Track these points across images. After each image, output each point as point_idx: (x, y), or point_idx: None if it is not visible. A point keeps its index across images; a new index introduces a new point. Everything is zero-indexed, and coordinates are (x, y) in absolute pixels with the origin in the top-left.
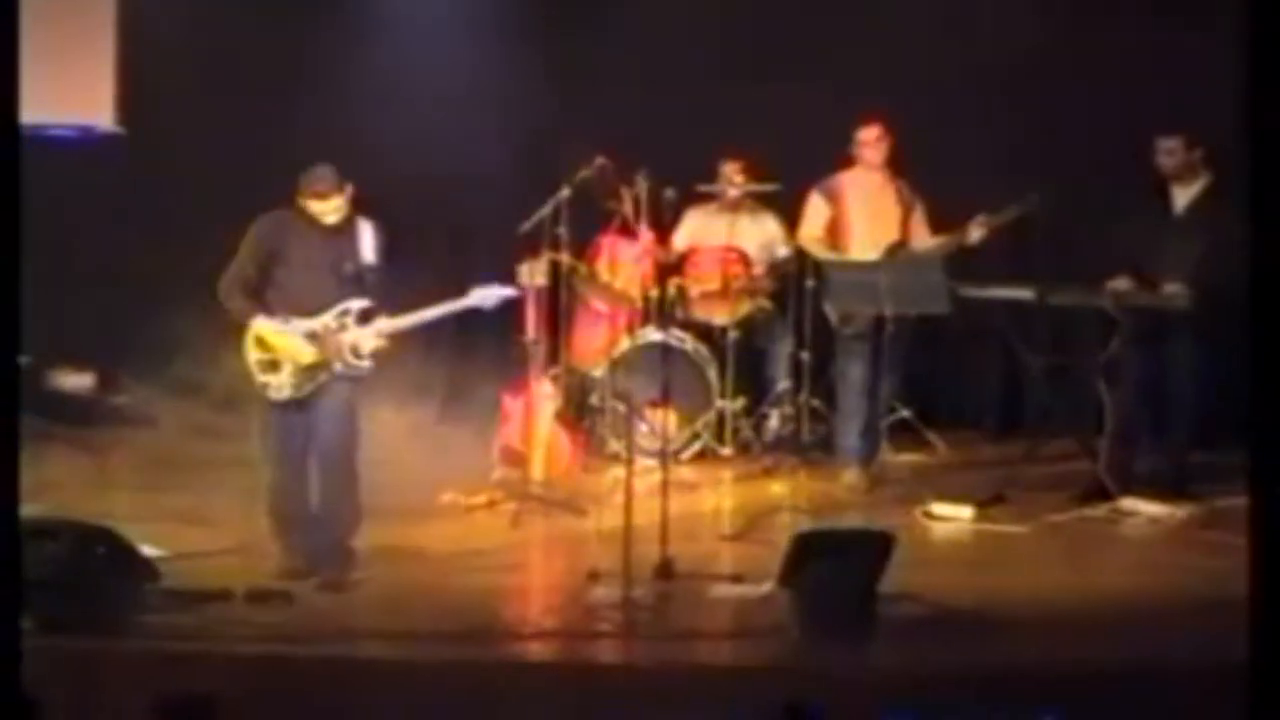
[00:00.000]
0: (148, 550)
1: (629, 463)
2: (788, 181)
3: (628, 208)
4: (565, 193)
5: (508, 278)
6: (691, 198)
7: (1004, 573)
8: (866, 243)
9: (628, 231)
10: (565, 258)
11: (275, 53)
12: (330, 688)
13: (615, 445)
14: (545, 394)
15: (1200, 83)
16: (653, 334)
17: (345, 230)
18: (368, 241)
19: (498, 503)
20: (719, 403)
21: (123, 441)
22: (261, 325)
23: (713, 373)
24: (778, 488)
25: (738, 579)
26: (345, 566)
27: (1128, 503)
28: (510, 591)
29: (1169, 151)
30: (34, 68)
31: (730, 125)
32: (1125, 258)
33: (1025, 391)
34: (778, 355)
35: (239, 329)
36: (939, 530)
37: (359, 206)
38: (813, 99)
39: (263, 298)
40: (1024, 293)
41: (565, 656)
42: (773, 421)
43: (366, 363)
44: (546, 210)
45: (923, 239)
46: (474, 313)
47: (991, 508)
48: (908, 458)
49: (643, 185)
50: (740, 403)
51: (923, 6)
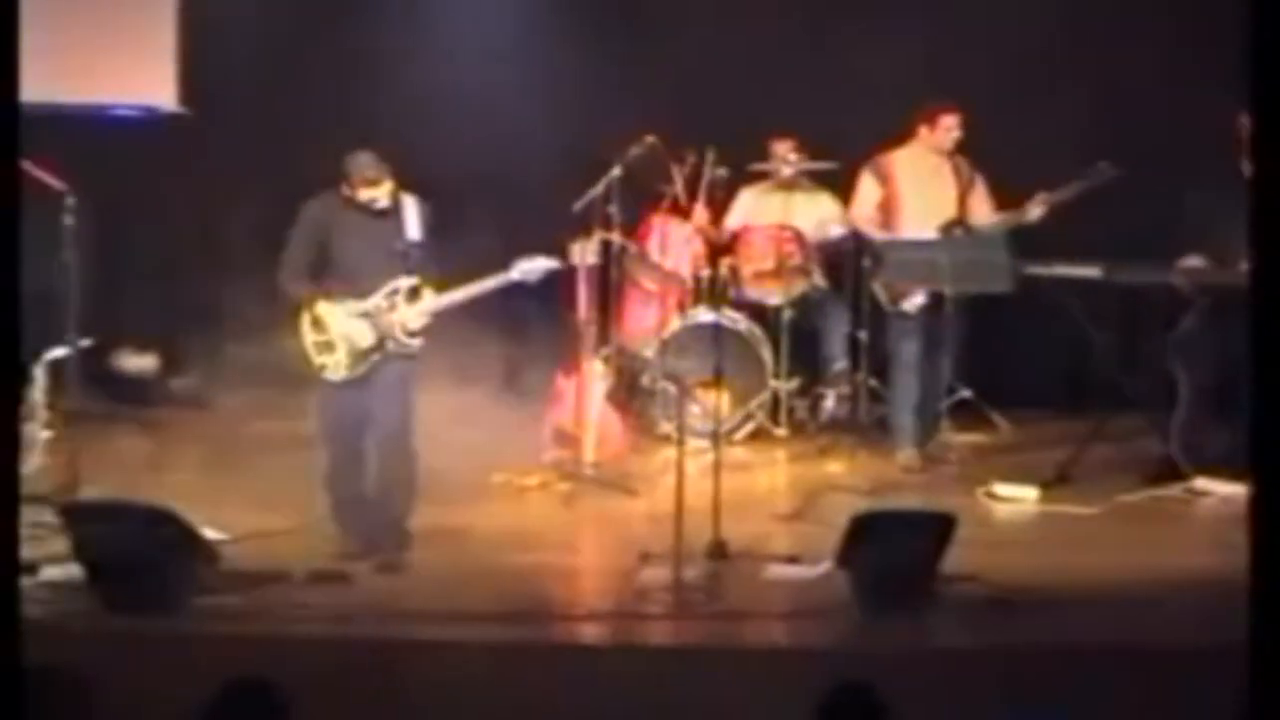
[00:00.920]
0: (209, 533)
1: (680, 443)
2: (843, 160)
3: (679, 187)
4: (616, 172)
5: (559, 257)
6: (744, 176)
7: (1070, 554)
8: (919, 221)
9: (679, 210)
10: (616, 237)
11: (332, 34)
12: (387, 669)
13: (666, 426)
14: (596, 374)
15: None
16: (704, 314)
17: (392, 209)
18: (413, 218)
19: (550, 484)
20: (773, 383)
21: (184, 423)
22: (321, 308)
23: (766, 353)
24: (834, 467)
25: (793, 559)
26: (402, 547)
27: (1200, 482)
28: (562, 573)
29: (1247, 126)
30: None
31: (784, 102)
32: (1196, 234)
33: (1092, 369)
34: (833, 335)
35: (296, 310)
36: (1002, 511)
37: (409, 185)
38: (869, 75)
39: (320, 281)
40: (1091, 271)
41: (617, 638)
42: (828, 402)
43: (417, 341)
44: (598, 189)
45: (984, 216)
46: (525, 293)
47: (1057, 488)
48: (969, 437)
49: (695, 164)
50: (795, 383)
51: None
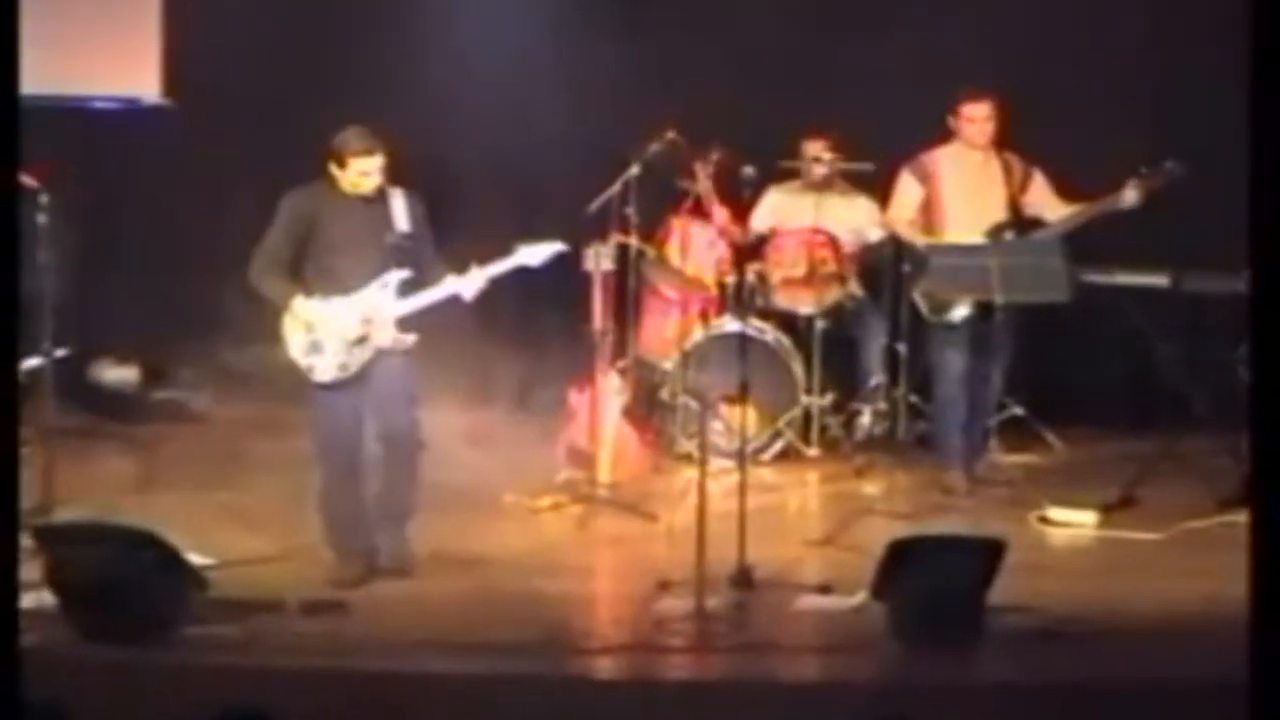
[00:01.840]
0: (195, 558)
1: (702, 463)
2: (879, 160)
3: (702, 186)
4: (634, 170)
5: (573, 261)
6: (772, 175)
7: (1132, 584)
8: (965, 225)
9: (702, 212)
10: (634, 240)
11: (330, 22)
12: (386, 704)
13: (688, 445)
14: (612, 389)
15: None
16: (729, 324)
17: (379, 200)
18: (402, 210)
19: (563, 505)
20: (804, 399)
21: (169, 438)
22: (301, 305)
23: (797, 366)
24: (870, 489)
25: (825, 589)
26: (408, 552)
27: None
28: (575, 601)
29: None
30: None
31: (816, 97)
32: None
33: (1156, 384)
34: (870, 347)
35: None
36: (1057, 537)
37: (410, 183)
38: (907, 69)
39: (299, 277)
40: (1156, 279)
41: (633, 672)
42: (865, 418)
43: (411, 336)
44: (614, 189)
45: (1052, 209)
46: (538, 302)
47: (1118, 512)
48: (1020, 458)
49: (719, 161)
50: (828, 399)
51: None
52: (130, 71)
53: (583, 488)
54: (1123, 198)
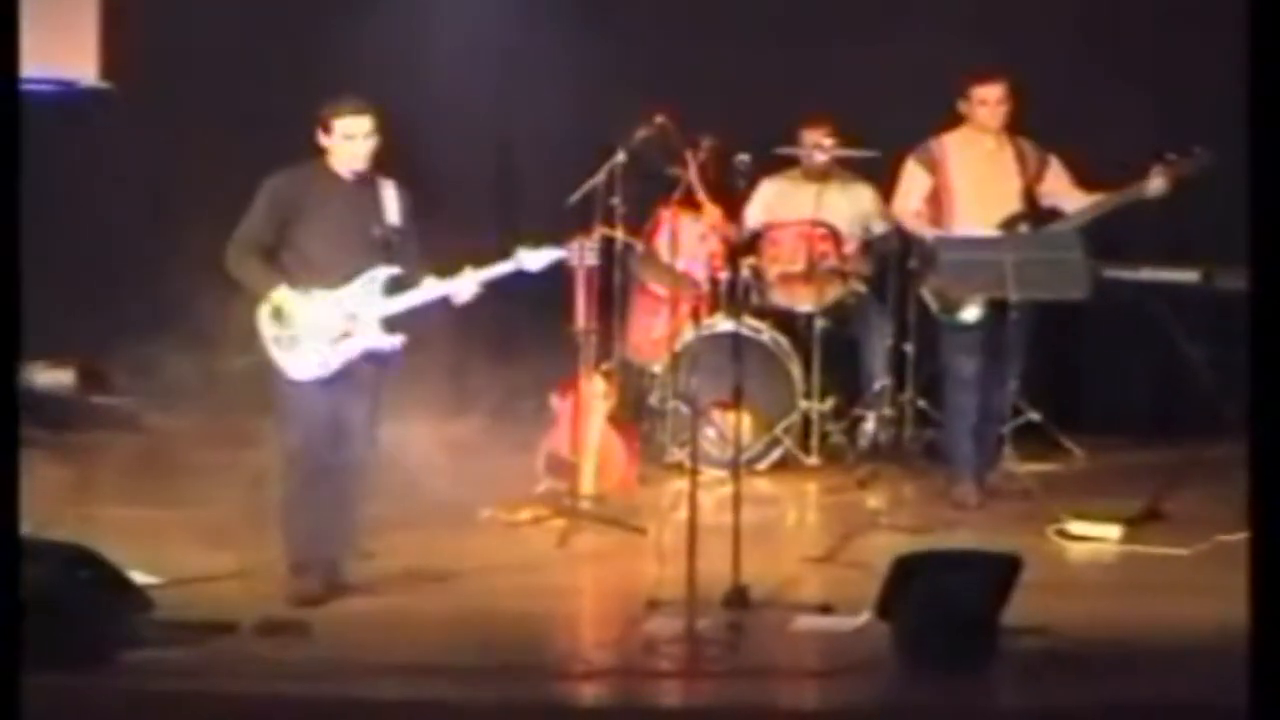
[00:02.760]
0: (138, 576)
1: (694, 473)
2: (882, 147)
3: (692, 175)
4: (620, 158)
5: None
6: (768, 164)
7: (1157, 603)
8: (976, 216)
9: (692, 203)
10: (620, 234)
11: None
12: None
13: (678, 453)
14: (597, 394)
15: None
16: (723, 323)
17: (368, 188)
18: (391, 201)
19: (543, 519)
20: (803, 404)
21: (109, 447)
22: (282, 296)
23: (795, 369)
24: (874, 502)
25: (825, 609)
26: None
27: None
28: (557, 622)
29: None
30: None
31: (814, 80)
32: None
33: (1184, 389)
34: (874, 348)
35: (246, 310)
36: (1077, 552)
37: (388, 170)
38: (911, 50)
39: (280, 264)
40: (1186, 276)
41: (620, 699)
42: (869, 425)
43: (398, 337)
44: (598, 178)
45: (1070, 199)
46: (517, 300)
47: (1143, 526)
48: (1037, 467)
49: (711, 148)
50: (829, 404)
51: None
52: (65, 50)
53: (564, 500)
54: (1148, 186)
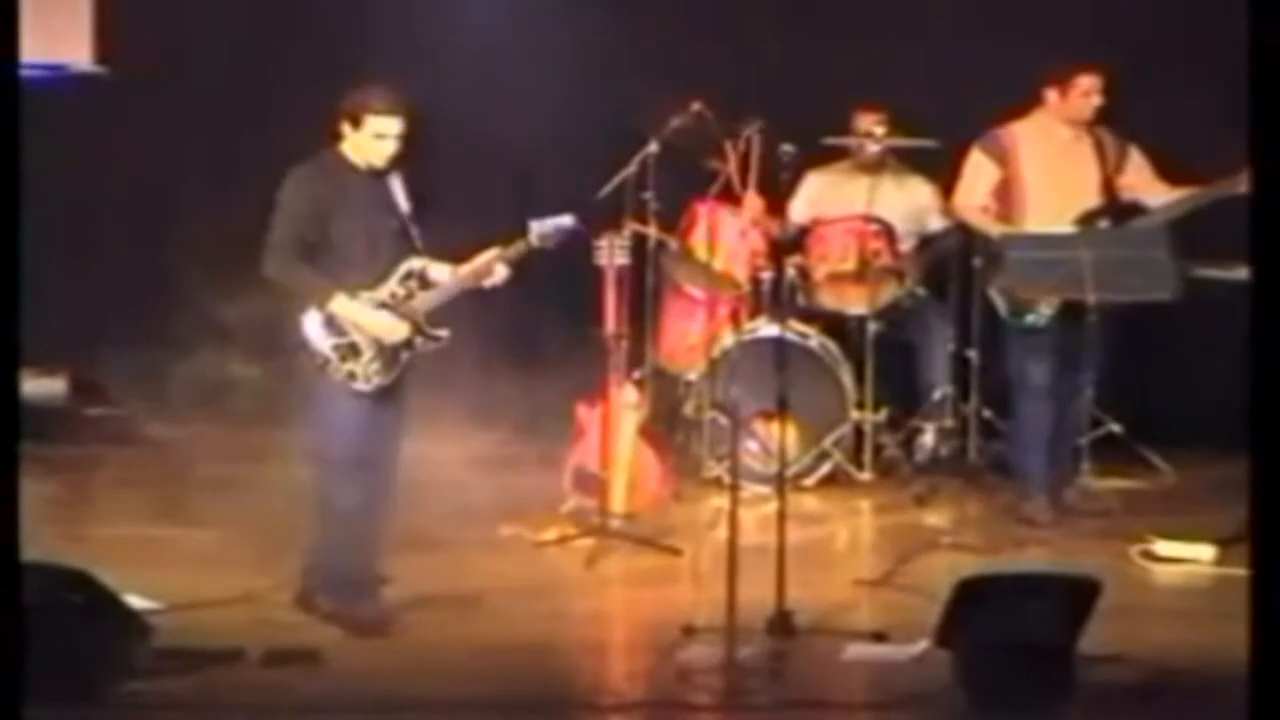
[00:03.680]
0: (136, 601)
1: (734, 489)
2: (943, 136)
3: (732, 167)
4: (653, 148)
5: (583, 254)
6: (816, 155)
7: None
8: (1049, 211)
9: (732, 197)
10: (653, 230)
11: None
12: None
13: (716, 468)
14: (628, 403)
15: None
16: (765, 327)
17: (382, 177)
18: (399, 189)
19: (570, 538)
20: (855, 414)
21: (105, 462)
22: (340, 303)
23: (846, 377)
24: (934, 520)
25: (879, 636)
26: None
27: None
28: (586, 649)
29: None
30: None
31: (867, 66)
32: None
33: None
34: (933, 354)
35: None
36: (1163, 575)
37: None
38: (970, 36)
39: (320, 266)
40: None
41: None
42: (928, 437)
43: (444, 332)
44: (630, 170)
45: (1154, 193)
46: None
47: (1236, 546)
48: (1118, 483)
49: (752, 138)
50: (883, 414)
51: None
52: (58, 34)
53: (593, 518)
54: (1240, 180)
